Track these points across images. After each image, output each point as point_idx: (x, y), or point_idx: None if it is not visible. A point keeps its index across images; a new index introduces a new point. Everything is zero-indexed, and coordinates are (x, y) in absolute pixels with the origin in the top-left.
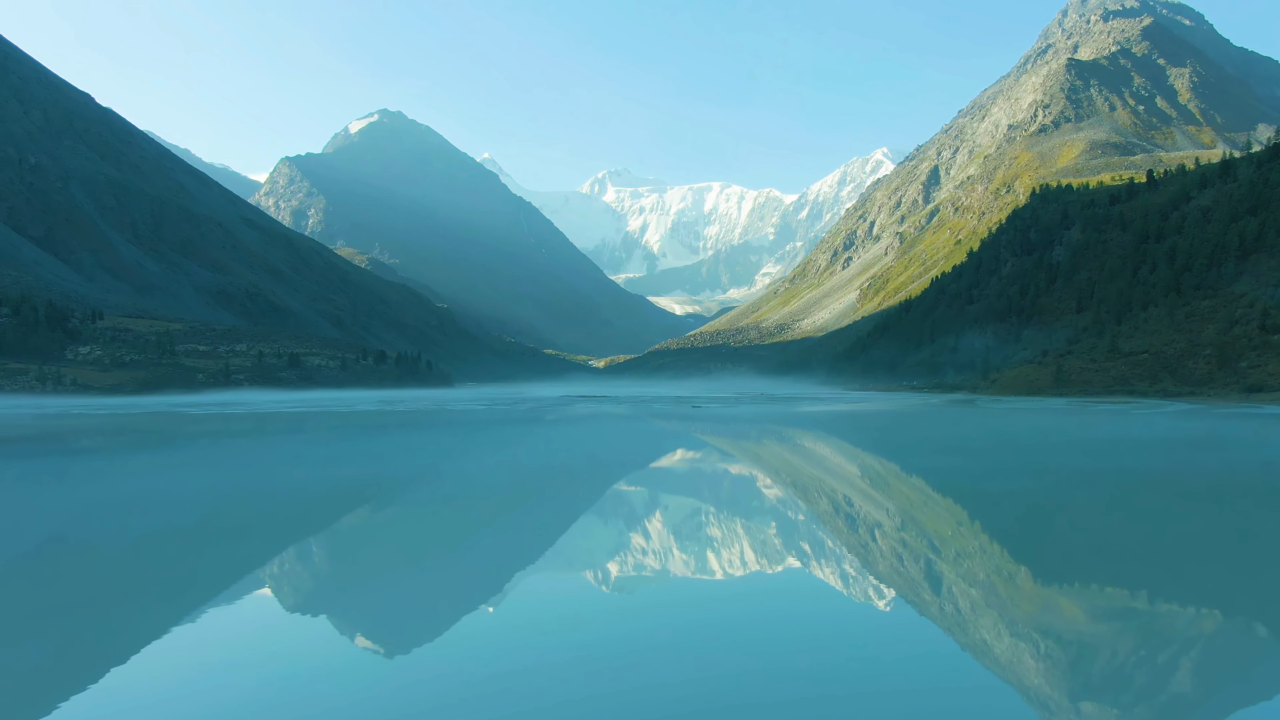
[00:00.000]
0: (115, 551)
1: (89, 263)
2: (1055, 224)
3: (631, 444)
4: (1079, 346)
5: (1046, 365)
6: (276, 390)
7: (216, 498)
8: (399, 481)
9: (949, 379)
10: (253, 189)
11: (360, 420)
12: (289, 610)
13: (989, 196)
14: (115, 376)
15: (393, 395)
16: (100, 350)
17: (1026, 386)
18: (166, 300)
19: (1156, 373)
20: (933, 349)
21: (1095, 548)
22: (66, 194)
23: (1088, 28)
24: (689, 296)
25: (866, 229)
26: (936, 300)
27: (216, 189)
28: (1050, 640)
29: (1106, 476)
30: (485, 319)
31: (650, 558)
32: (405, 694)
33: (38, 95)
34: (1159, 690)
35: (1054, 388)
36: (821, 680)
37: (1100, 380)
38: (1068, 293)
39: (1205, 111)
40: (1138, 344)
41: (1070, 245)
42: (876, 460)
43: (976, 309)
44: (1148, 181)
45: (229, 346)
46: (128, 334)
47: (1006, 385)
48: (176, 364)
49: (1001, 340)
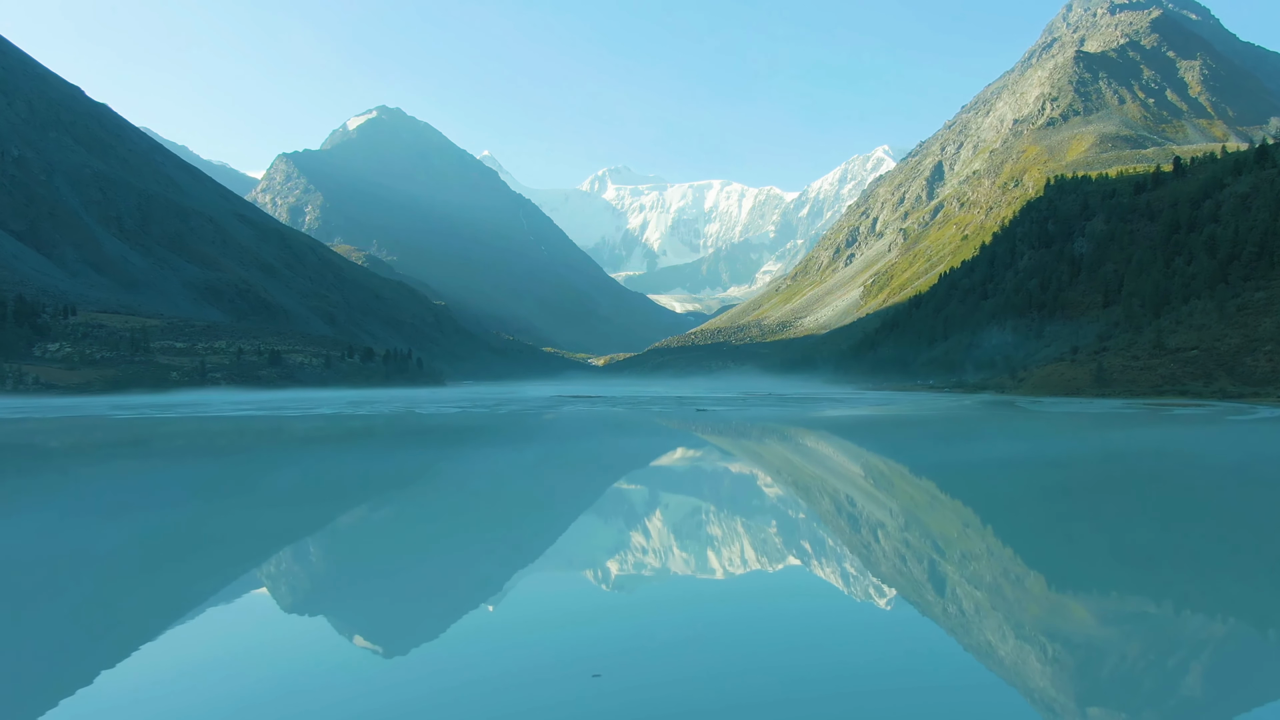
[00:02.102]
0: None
1: (72, 257)
2: (1074, 215)
3: (619, 468)
4: (1114, 343)
5: (1081, 363)
6: (252, 390)
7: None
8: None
9: (969, 378)
10: (251, 186)
11: (280, 432)
12: (287, 611)
13: (996, 191)
14: (83, 375)
15: (370, 395)
16: (70, 347)
17: (1062, 386)
18: (152, 296)
19: (1210, 371)
20: (946, 346)
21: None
22: (51, 187)
23: (1094, 21)
24: (689, 294)
25: (869, 225)
26: (948, 296)
27: (209, 184)
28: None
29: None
30: (484, 317)
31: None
32: (404, 693)
33: (22, 86)
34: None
35: (1095, 388)
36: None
37: (1146, 380)
38: (1092, 286)
39: (1216, 105)
40: (1184, 340)
41: (1093, 236)
42: (995, 505)
43: (992, 304)
44: (1175, 169)
45: (207, 344)
46: (101, 330)
47: (1039, 385)
48: (150, 362)
49: (1022, 336)
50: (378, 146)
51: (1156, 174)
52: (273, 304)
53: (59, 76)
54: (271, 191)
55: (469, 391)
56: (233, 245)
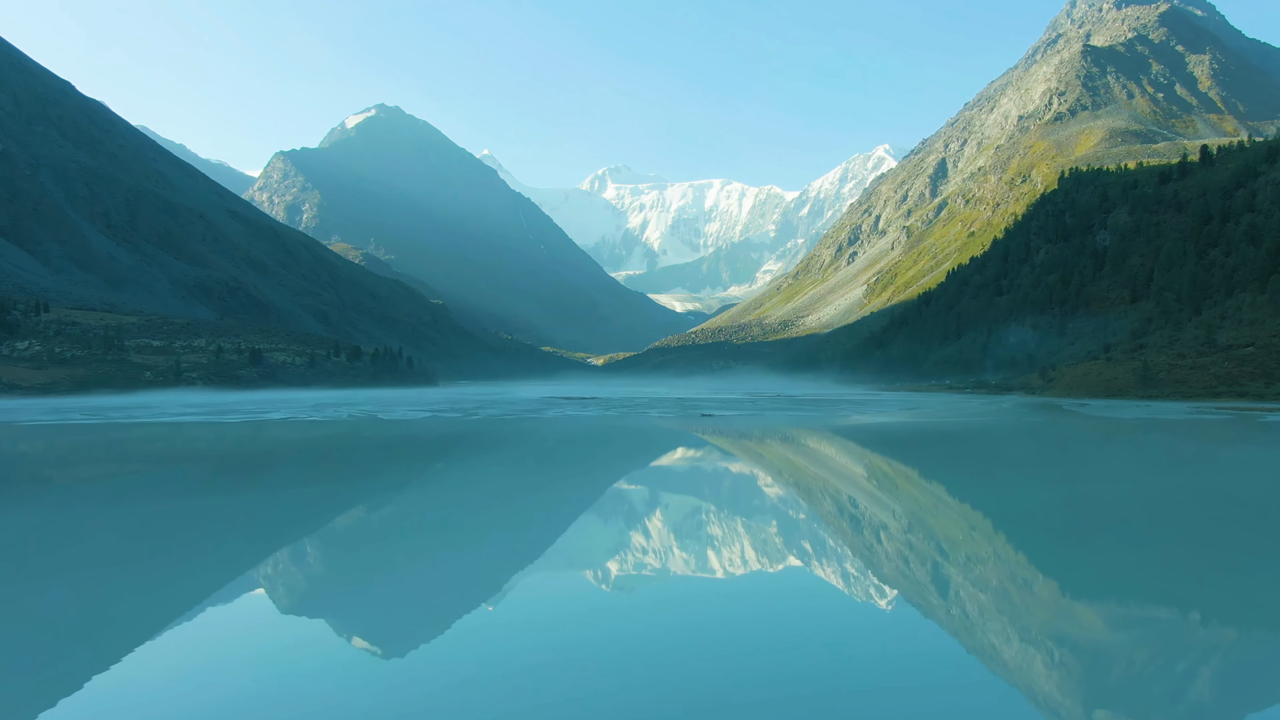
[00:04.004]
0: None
1: (56, 253)
2: (1094, 207)
3: (582, 518)
4: (1153, 340)
5: (1119, 361)
6: (228, 390)
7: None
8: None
9: (989, 377)
10: (248, 185)
11: (160, 447)
12: (285, 612)
13: (1003, 187)
14: (50, 374)
15: (348, 397)
16: (40, 346)
17: (1102, 387)
18: (139, 294)
19: (1271, 370)
20: (960, 344)
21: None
22: (35, 182)
23: (1100, 16)
24: (689, 294)
25: (871, 223)
26: (959, 292)
27: (202, 180)
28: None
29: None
30: (483, 316)
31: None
32: (403, 694)
33: (8, 79)
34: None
35: (1140, 388)
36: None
37: (1198, 380)
38: (1117, 280)
39: (1227, 100)
40: (1236, 336)
41: (1117, 229)
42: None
43: (1008, 300)
44: (1202, 158)
45: (185, 342)
46: (74, 328)
47: (1074, 385)
48: (123, 361)
49: (1043, 333)
50: (376, 145)
51: (1182, 164)
52: (263, 302)
53: (49, 71)
54: (269, 190)
55: (457, 392)
56: (224, 242)
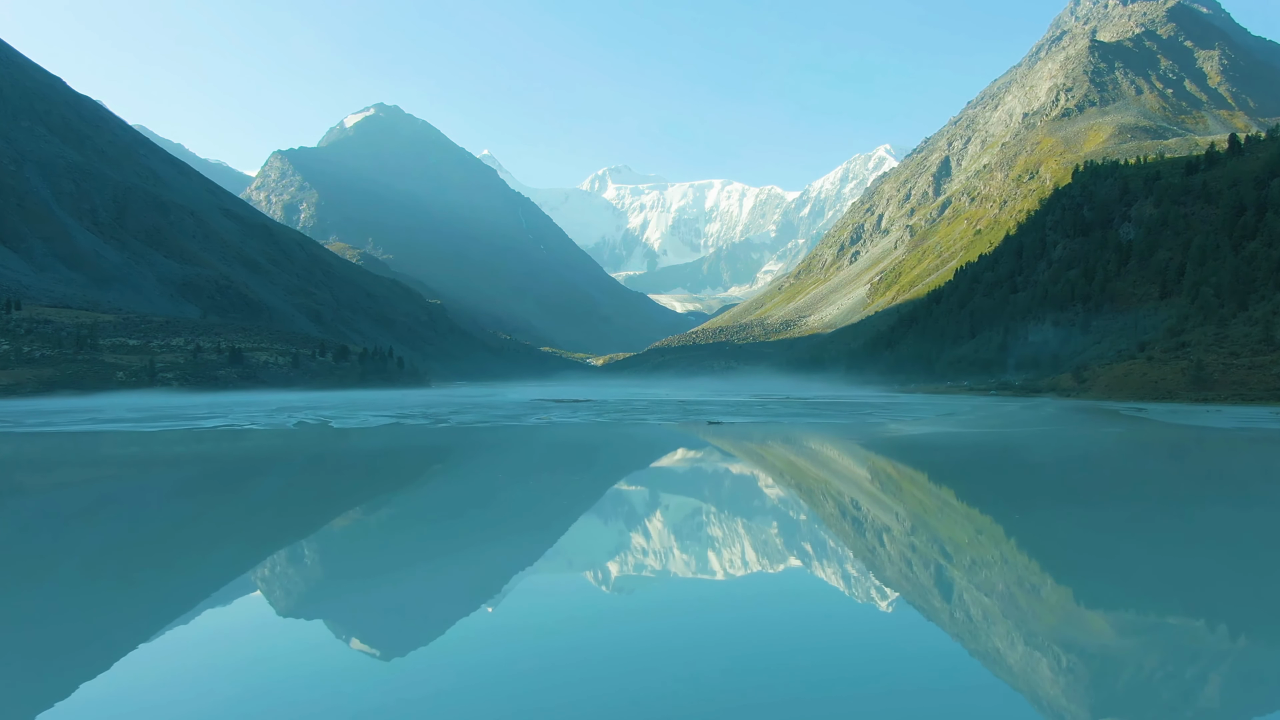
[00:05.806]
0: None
1: (40, 251)
2: (1114, 200)
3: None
4: (1194, 337)
5: (1162, 360)
6: (202, 392)
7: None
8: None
9: (1012, 378)
10: (246, 184)
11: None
12: (283, 614)
13: (1010, 184)
14: (14, 375)
15: (321, 399)
16: (8, 345)
17: (1148, 389)
18: (124, 292)
19: None
20: (975, 344)
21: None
22: (20, 178)
23: (1106, 12)
24: (690, 294)
25: (874, 222)
26: (970, 290)
27: (195, 178)
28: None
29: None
30: (482, 316)
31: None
32: (403, 695)
33: None
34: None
35: (1192, 390)
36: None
37: (1259, 381)
38: (1145, 274)
39: (1237, 95)
40: None
41: (1142, 221)
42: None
43: (1025, 297)
44: (1231, 147)
45: (163, 341)
46: (46, 326)
47: (1112, 386)
48: (94, 360)
49: (1065, 331)
50: (375, 144)
51: (1210, 153)
52: (254, 301)
53: (38, 66)
54: (266, 189)
55: (445, 394)
56: (214, 240)
